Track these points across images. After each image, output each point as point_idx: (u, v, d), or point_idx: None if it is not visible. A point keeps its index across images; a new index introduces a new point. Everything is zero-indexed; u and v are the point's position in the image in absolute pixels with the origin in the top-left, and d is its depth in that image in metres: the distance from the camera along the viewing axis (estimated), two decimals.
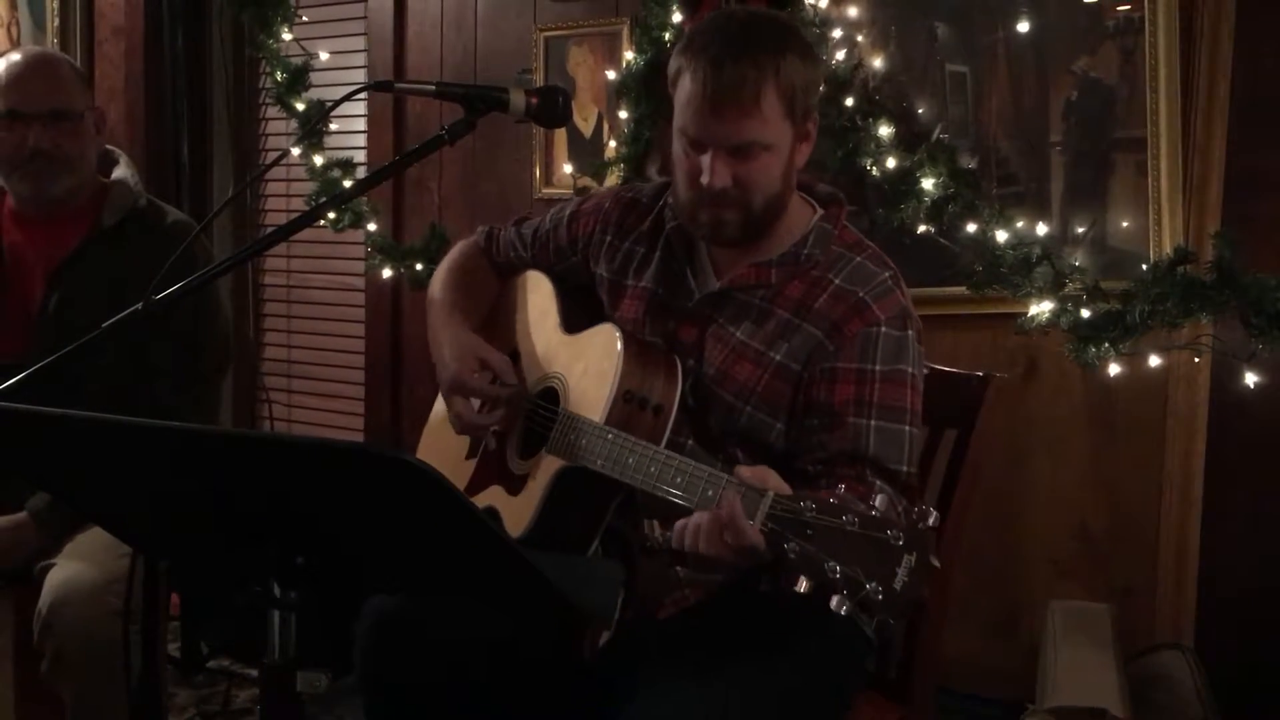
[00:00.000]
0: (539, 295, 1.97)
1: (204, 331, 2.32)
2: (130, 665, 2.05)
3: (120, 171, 2.38)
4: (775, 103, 1.62)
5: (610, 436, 1.61)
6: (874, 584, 1.29)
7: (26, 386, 1.45)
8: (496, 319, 2.03)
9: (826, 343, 1.67)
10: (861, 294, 1.68)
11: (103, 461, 1.23)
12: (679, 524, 1.47)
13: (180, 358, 2.26)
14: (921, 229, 2.67)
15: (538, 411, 1.80)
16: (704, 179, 1.64)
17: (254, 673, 3.09)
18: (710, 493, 1.47)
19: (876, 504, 1.34)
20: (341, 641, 1.65)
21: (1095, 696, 2.31)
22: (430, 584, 1.40)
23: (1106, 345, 2.42)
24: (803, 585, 1.32)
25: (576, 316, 1.88)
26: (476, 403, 1.83)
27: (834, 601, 1.30)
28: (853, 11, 2.77)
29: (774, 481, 1.42)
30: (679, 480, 1.51)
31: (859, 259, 1.73)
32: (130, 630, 2.06)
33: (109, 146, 2.48)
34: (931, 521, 1.33)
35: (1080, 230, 2.64)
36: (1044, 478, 2.79)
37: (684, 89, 1.65)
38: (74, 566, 2.10)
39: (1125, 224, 2.61)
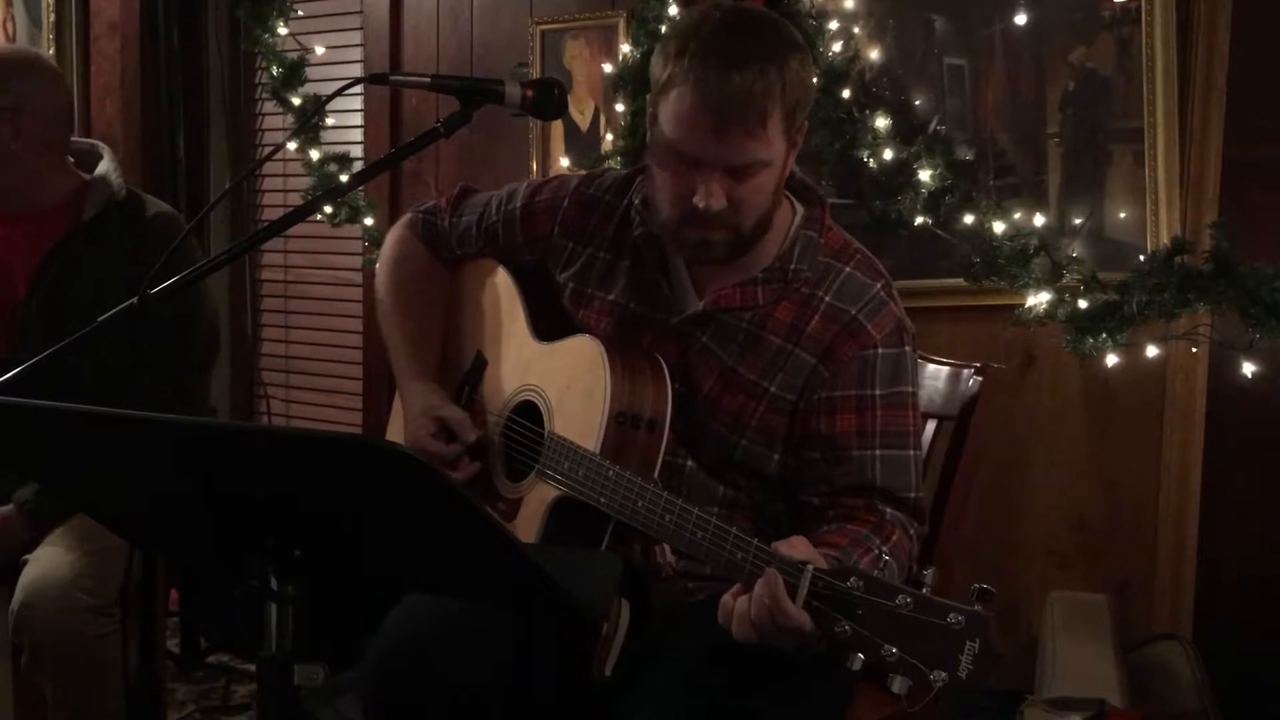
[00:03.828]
0: (502, 294, 1.86)
1: (190, 322, 2.31)
2: (128, 659, 2.06)
3: (103, 166, 2.36)
4: (779, 120, 1.51)
5: (612, 474, 1.54)
6: (938, 672, 1.24)
7: (17, 381, 1.45)
8: (457, 322, 1.93)
9: (821, 369, 1.60)
10: (854, 312, 1.61)
11: (98, 455, 1.22)
12: (723, 605, 1.40)
13: (167, 349, 2.25)
14: (919, 220, 2.67)
15: (517, 428, 1.74)
16: (699, 201, 1.52)
17: (253, 667, 3.09)
18: (740, 556, 1.41)
19: (927, 578, 1.29)
20: (340, 635, 1.65)
21: (1094, 687, 2.32)
22: (428, 577, 1.40)
23: (1104, 336, 2.42)
24: (857, 664, 1.29)
25: (547, 320, 1.78)
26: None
27: (896, 683, 1.26)
28: (849, 3, 2.76)
29: (810, 553, 1.37)
30: (700, 535, 1.45)
31: (848, 269, 1.64)
32: (127, 624, 2.06)
33: (94, 141, 2.46)
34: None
35: (1077, 221, 2.64)
36: (1041, 469, 2.79)
37: (678, 101, 1.50)
38: (43, 564, 2.11)
39: (1122, 215, 2.61)
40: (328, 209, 3.39)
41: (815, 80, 1.61)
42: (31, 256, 2.28)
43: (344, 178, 3.42)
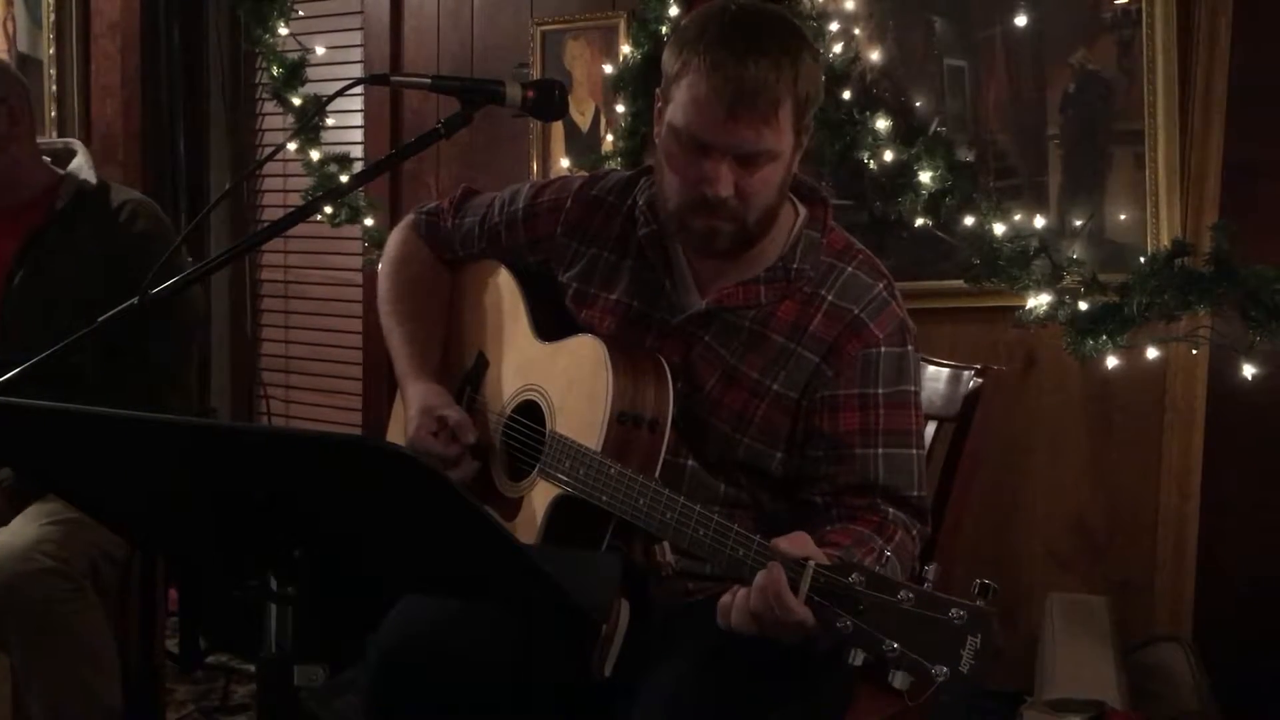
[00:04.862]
0: (504, 294, 1.86)
1: (170, 315, 2.30)
2: (129, 657, 2.06)
3: (76, 161, 2.41)
4: (790, 112, 1.53)
5: (613, 472, 1.54)
6: (939, 667, 1.24)
7: (16, 381, 1.45)
8: (460, 322, 1.93)
9: (825, 367, 1.61)
10: (857, 311, 1.61)
11: (98, 455, 1.22)
12: (722, 602, 1.40)
13: (147, 336, 2.23)
14: (919, 222, 2.67)
15: (519, 428, 1.74)
16: (707, 188, 1.53)
17: (253, 667, 3.09)
18: (741, 552, 1.41)
19: (929, 574, 1.29)
20: (340, 635, 1.64)
21: (1094, 689, 2.31)
22: (428, 578, 1.40)
23: (1104, 338, 2.42)
24: (858, 659, 1.29)
25: (548, 320, 1.78)
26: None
27: (897, 679, 1.27)
28: (850, 4, 2.76)
29: (811, 549, 1.37)
30: (702, 532, 1.45)
31: (850, 269, 1.65)
32: (125, 618, 2.07)
33: (68, 139, 2.51)
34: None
35: (1078, 223, 2.64)
36: (1042, 470, 2.79)
37: (692, 87, 1.51)
38: (10, 530, 2.14)
39: (1123, 216, 2.61)
40: (328, 209, 3.38)
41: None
42: (8, 249, 2.31)
43: (344, 178, 3.42)
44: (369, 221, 3.44)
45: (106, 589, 2.20)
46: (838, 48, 2.73)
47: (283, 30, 3.56)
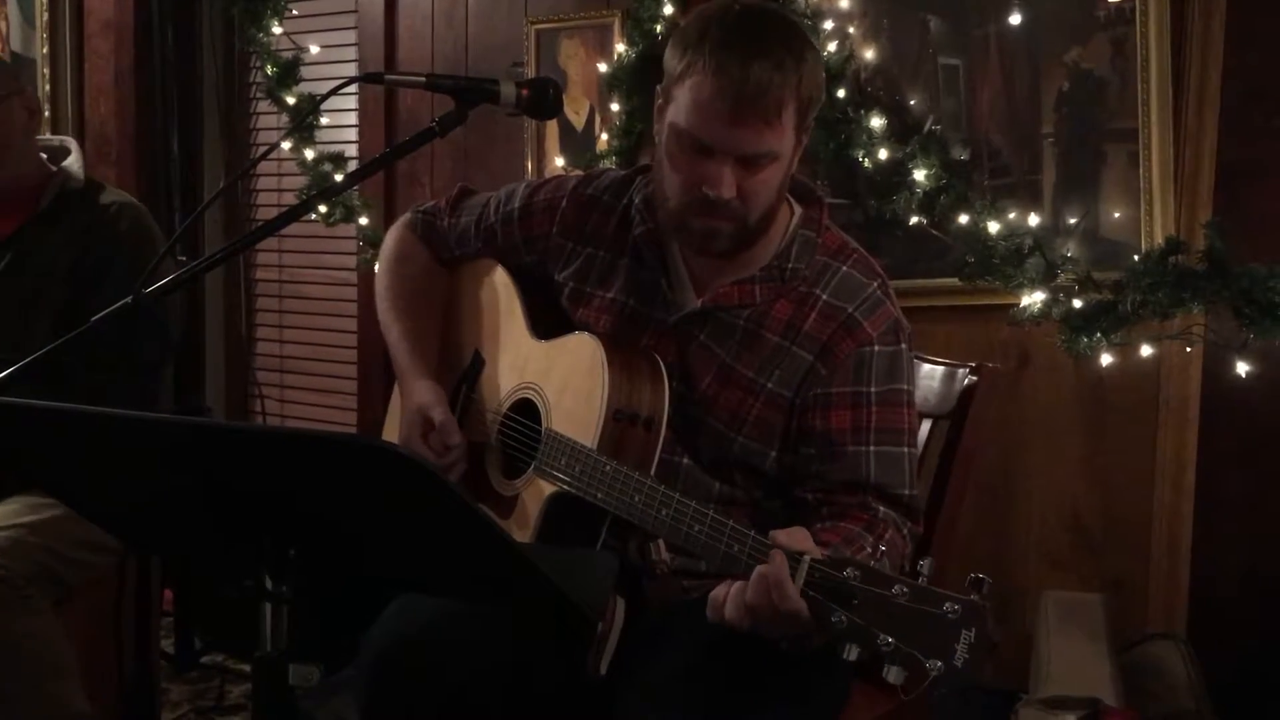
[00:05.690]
0: (501, 293, 1.87)
1: (155, 314, 2.28)
2: (124, 663, 2.05)
3: (68, 160, 2.41)
4: (793, 114, 1.53)
5: (609, 469, 1.54)
6: (933, 661, 1.24)
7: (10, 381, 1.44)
8: (456, 321, 1.93)
9: (819, 366, 1.61)
10: (851, 310, 1.62)
11: (92, 455, 1.22)
12: (714, 595, 1.40)
13: (117, 344, 2.17)
14: (913, 220, 2.68)
15: (515, 426, 1.75)
16: (709, 189, 1.53)
17: (248, 667, 3.08)
18: (736, 548, 1.41)
19: (924, 568, 1.30)
20: (335, 634, 1.64)
21: (1088, 686, 2.32)
22: (424, 577, 1.40)
23: (1098, 336, 2.43)
24: (852, 654, 1.29)
25: (545, 319, 1.79)
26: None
27: (891, 674, 1.27)
28: (844, 3, 2.77)
29: (808, 544, 1.37)
30: (697, 529, 1.45)
31: (845, 268, 1.66)
32: (120, 630, 2.05)
33: (63, 138, 2.51)
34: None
35: (1072, 221, 2.65)
36: (1036, 469, 2.79)
37: (696, 89, 1.51)
38: None
39: (1117, 215, 2.61)
40: (322, 208, 3.39)
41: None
42: None
43: (338, 177, 3.43)
44: (363, 220, 3.44)
45: (72, 590, 2.16)
46: (832, 46, 2.73)
47: (277, 29, 3.57)
